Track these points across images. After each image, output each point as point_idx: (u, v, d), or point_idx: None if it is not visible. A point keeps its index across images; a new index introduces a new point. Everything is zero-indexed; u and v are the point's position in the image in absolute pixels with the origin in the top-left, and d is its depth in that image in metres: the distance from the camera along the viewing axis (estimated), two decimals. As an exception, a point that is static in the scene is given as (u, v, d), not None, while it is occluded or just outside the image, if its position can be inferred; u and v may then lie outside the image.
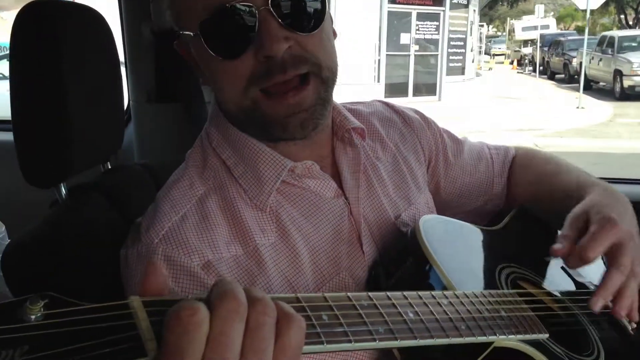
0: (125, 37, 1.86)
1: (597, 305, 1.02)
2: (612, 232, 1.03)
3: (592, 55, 17.98)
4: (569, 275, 1.24)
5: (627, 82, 15.77)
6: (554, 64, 22.73)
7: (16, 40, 1.16)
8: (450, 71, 17.00)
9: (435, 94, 16.16)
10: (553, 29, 28.54)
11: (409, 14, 15.63)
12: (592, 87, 17.89)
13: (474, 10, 18.66)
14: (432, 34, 16.20)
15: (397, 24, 15.53)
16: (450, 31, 16.70)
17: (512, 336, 0.92)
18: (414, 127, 1.32)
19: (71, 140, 1.18)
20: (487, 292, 0.97)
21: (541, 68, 23.54)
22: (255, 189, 1.04)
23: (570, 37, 22.40)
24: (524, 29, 28.39)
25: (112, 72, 1.35)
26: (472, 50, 18.44)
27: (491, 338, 0.89)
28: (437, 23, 16.17)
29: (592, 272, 1.24)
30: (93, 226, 1.17)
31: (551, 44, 23.19)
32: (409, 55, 15.86)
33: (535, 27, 26.60)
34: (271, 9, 0.94)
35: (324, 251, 1.05)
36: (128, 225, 1.05)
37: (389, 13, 15.17)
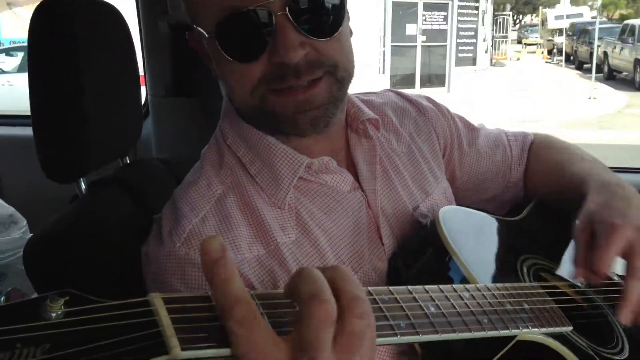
0: (143, 32, 1.86)
1: (628, 319, 0.99)
2: (618, 238, 1.01)
3: (614, 44, 17.50)
4: None
5: None
6: (581, 54, 21.98)
7: (34, 37, 1.17)
8: (461, 62, 16.71)
9: (444, 85, 15.93)
10: (587, 17, 27.58)
11: (414, 5, 15.37)
12: (615, 77, 17.39)
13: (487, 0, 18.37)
14: (439, 25, 15.90)
15: (402, 14, 15.27)
16: (459, 21, 16.40)
17: (536, 329, 0.91)
18: (428, 116, 1.30)
19: (90, 135, 1.18)
20: (510, 284, 0.96)
21: (572, 58, 22.92)
22: (273, 187, 1.03)
23: (596, 26, 21.73)
24: (557, 17, 27.61)
25: (129, 67, 1.35)
26: (484, 40, 18.13)
27: (514, 332, 0.88)
28: (445, 13, 15.86)
29: (616, 262, 1.22)
30: (112, 221, 1.17)
31: (580, 32, 22.43)
32: (415, 46, 15.63)
33: (568, 16, 25.95)
34: (288, 15, 0.92)
35: (345, 245, 1.04)
36: (147, 219, 1.05)
37: (394, 4, 14.93)
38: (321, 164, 1.05)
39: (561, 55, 23.98)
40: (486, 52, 18.55)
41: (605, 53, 17.84)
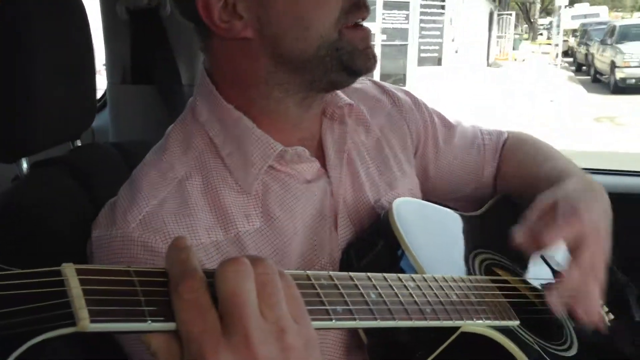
0: (102, 17, 1.82)
1: (554, 302, 0.99)
2: (574, 223, 1.01)
3: (598, 45, 17.35)
4: (546, 263, 1.22)
5: (619, 74, 15.10)
6: (579, 55, 21.38)
7: None
8: (424, 62, 16.60)
9: (404, 85, 15.69)
10: (604, 17, 26.86)
11: (373, 3, 14.98)
12: (600, 80, 17.01)
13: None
14: (401, 23, 15.70)
15: None
16: (422, 20, 16.26)
17: (480, 322, 0.90)
18: (402, 110, 1.28)
19: (34, 114, 1.14)
20: (458, 277, 0.95)
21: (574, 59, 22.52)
22: (242, 172, 1.00)
23: (597, 27, 20.61)
24: (573, 17, 27.02)
25: (84, 50, 1.31)
26: (453, 41, 17.98)
27: (458, 323, 0.87)
28: (407, 12, 15.69)
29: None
30: (51, 202, 1.13)
31: (582, 33, 21.84)
32: (373, 45, 15.44)
33: (584, 16, 25.50)
34: None
35: (307, 237, 1.02)
36: (94, 203, 1.01)
37: None
38: (294, 154, 1.03)
39: (567, 56, 23.49)
40: (456, 52, 18.37)
41: (592, 55, 17.62)
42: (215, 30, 0.98)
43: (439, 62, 17.37)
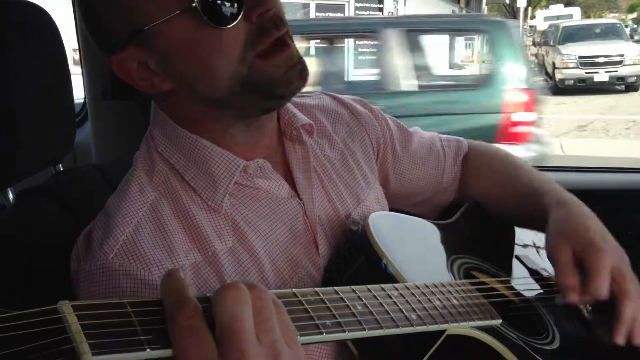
0: (79, 33, 1.82)
1: (623, 339, 1.05)
2: (607, 263, 1.05)
3: (546, 47, 17.44)
4: (522, 262, 1.26)
5: (558, 75, 15.04)
6: (540, 57, 20.80)
7: None
8: (362, 64, 16.61)
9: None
10: (577, 17, 26.62)
11: (307, 5, 15.04)
12: (547, 82, 16.64)
13: (396, 1, 17.64)
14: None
15: (292, 15, 14.79)
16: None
17: (464, 324, 0.93)
18: (362, 120, 1.31)
19: (15, 142, 1.14)
20: (439, 282, 0.98)
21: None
22: (209, 190, 1.01)
23: (554, 28, 20.42)
24: (546, 18, 26.69)
25: (59, 71, 1.31)
26: None
27: (443, 326, 0.90)
28: (342, 14, 15.42)
29: (545, 258, 1.25)
30: (42, 230, 1.13)
31: (544, 35, 21.57)
32: (308, 47, 15.39)
33: (557, 17, 25.21)
34: None
35: (281, 252, 1.04)
36: (78, 230, 1.01)
37: (283, 4, 14.53)
38: (256, 166, 1.05)
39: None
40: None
41: (543, 57, 17.65)
42: (141, 89, 1.02)
43: (377, 64, 17.18)
